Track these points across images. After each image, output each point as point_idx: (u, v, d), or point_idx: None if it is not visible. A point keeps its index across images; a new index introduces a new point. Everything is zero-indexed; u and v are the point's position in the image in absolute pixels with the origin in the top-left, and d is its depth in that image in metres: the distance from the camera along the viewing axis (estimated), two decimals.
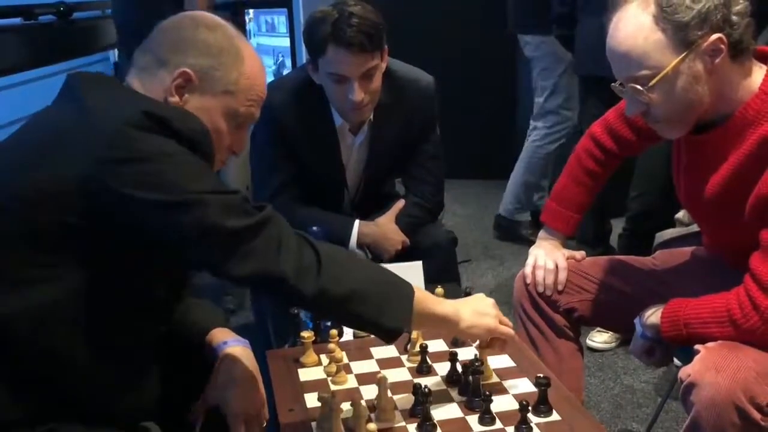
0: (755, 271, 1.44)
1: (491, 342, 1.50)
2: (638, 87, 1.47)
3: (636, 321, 1.60)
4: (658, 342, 1.57)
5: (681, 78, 1.45)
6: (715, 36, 1.42)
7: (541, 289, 1.82)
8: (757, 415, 1.36)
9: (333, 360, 1.55)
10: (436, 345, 1.67)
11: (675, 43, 1.43)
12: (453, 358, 1.55)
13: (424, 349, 1.58)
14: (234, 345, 1.43)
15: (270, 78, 1.63)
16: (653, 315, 1.56)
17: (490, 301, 1.50)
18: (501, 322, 1.49)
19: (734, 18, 1.42)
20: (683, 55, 1.43)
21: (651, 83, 1.46)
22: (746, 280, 1.45)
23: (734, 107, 1.49)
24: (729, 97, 1.49)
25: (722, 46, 1.43)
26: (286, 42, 4.30)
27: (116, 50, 3.83)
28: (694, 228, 1.89)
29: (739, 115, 1.48)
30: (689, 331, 1.50)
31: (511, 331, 1.51)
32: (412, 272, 1.94)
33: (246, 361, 1.42)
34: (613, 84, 1.55)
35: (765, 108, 1.46)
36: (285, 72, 3.96)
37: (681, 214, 2.05)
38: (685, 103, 1.48)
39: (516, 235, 3.91)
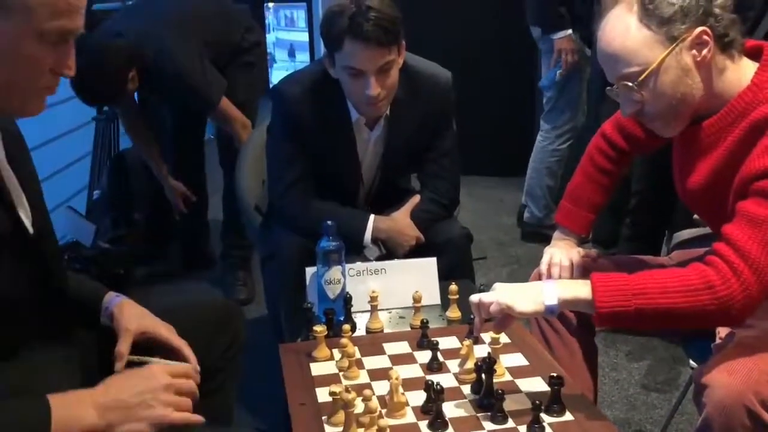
0: (731, 237, 1.38)
1: None
2: (629, 84, 1.50)
3: (541, 287, 1.45)
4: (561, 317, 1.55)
5: (670, 72, 1.47)
6: (699, 29, 1.45)
7: None
8: (767, 417, 1.35)
9: (345, 355, 1.55)
10: (448, 342, 1.67)
11: (661, 39, 1.47)
12: None
13: (435, 345, 1.58)
14: (125, 299, 1.50)
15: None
16: (570, 289, 1.44)
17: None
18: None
19: (716, 11, 1.47)
20: (669, 49, 1.46)
21: (640, 78, 1.48)
22: (719, 248, 1.39)
23: (726, 101, 1.51)
24: (721, 91, 1.51)
25: (707, 38, 1.46)
26: (304, 36, 4.32)
27: None
28: None
29: (730, 107, 1.50)
30: (639, 303, 1.38)
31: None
32: (425, 269, 1.94)
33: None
34: (608, 88, 1.56)
35: (756, 99, 1.47)
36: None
37: None
38: (677, 97, 1.50)
39: (546, 237, 3.86)
